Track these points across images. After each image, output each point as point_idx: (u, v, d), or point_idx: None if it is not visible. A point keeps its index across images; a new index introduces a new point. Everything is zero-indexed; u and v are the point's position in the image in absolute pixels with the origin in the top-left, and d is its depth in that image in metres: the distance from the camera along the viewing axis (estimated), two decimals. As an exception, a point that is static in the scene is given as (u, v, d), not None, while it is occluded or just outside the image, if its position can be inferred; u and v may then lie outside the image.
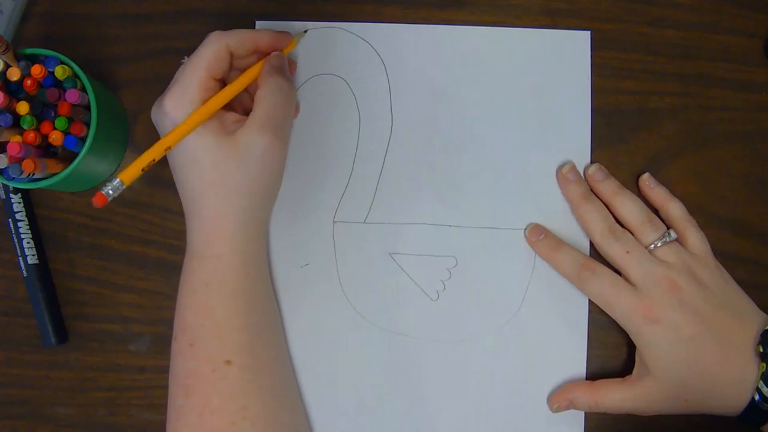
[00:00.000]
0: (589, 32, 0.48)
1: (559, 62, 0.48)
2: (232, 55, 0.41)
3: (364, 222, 0.47)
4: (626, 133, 0.48)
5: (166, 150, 0.40)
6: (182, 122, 0.39)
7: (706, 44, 0.48)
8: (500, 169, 0.47)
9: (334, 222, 0.47)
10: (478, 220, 0.47)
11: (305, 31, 0.47)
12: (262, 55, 0.43)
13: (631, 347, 0.45)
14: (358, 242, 0.47)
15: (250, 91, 0.43)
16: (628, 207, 0.45)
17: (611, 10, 0.48)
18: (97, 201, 0.38)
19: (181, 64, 0.41)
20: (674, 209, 0.45)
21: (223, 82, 0.42)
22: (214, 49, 0.40)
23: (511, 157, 0.47)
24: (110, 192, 0.38)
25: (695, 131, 0.48)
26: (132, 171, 0.39)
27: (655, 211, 0.46)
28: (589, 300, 0.46)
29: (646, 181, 0.46)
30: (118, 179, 0.38)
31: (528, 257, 0.47)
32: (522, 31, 0.48)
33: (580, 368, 0.46)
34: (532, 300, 0.46)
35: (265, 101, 0.41)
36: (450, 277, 0.47)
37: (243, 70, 0.43)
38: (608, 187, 0.45)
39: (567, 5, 0.48)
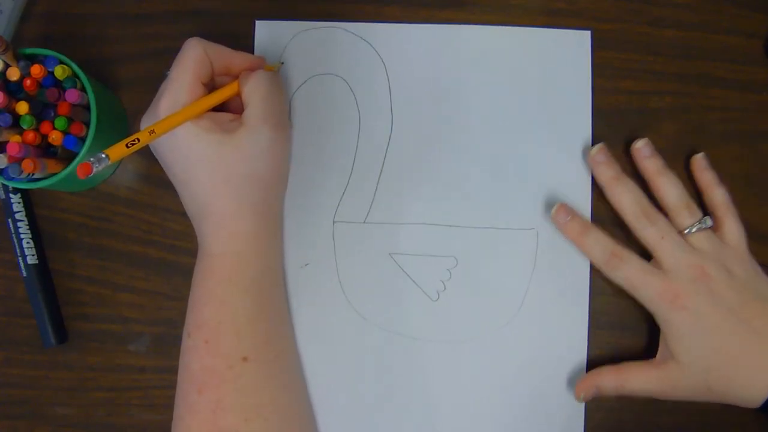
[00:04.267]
0: (589, 32, 0.48)
1: (559, 62, 0.48)
2: (211, 63, 0.41)
3: (364, 222, 0.47)
4: (626, 133, 0.48)
5: (150, 133, 0.39)
6: (172, 114, 0.39)
7: (706, 44, 0.48)
8: (500, 169, 0.47)
9: (334, 222, 0.47)
10: (478, 220, 0.47)
11: (281, 63, 0.47)
12: (234, 77, 0.43)
13: (631, 348, 0.46)
14: (358, 242, 0.47)
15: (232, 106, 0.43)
16: (668, 189, 0.44)
17: (611, 10, 0.48)
18: (81, 171, 0.36)
19: (165, 76, 0.41)
20: (719, 195, 0.45)
21: (208, 88, 0.42)
22: (194, 53, 0.40)
23: (511, 156, 0.47)
24: (95, 164, 0.37)
25: (695, 131, 0.48)
26: (117, 148, 0.38)
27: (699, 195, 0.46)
28: (589, 300, 0.46)
29: (699, 161, 0.46)
30: (104, 154, 0.37)
31: (528, 257, 0.47)
32: (522, 31, 0.48)
33: (580, 368, 0.46)
34: (532, 300, 0.46)
35: (256, 95, 0.41)
36: (450, 277, 0.47)
37: (218, 89, 0.42)
38: (652, 165, 0.45)
39: (567, 5, 0.48)
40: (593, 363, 0.46)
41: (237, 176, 0.40)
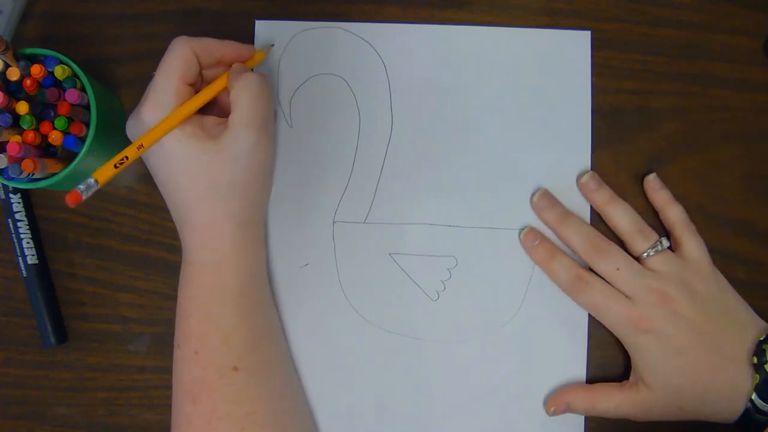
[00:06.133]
0: (589, 32, 0.48)
1: (559, 62, 0.48)
2: (199, 61, 0.41)
3: (364, 222, 0.47)
4: (626, 133, 0.48)
5: (138, 149, 0.39)
6: (157, 124, 0.39)
7: (706, 44, 0.48)
8: (500, 169, 0.47)
9: (334, 222, 0.47)
10: (478, 220, 0.47)
11: (272, 45, 0.47)
12: (226, 67, 0.43)
13: (631, 347, 0.46)
14: (358, 242, 0.47)
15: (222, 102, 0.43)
16: (620, 216, 0.45)
17: (611, 9, 0.48)
18: (71, 199, 0.37)
19: (153, 77, 0.41)
20: (674, 213, 0.45)
21: (195, 88, 0.42)
22: (181, 53, 0.40)
23: (511, 157, 0.47)
24: (83, 190, 0.38)
25: (695, 131, 0.48)
26: (106, 170, 0.39)
27: (657, 213, 0.46)
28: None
29: (651, 182, 0.46)
30: (92, 178, 0.38)
31: (528, 257, 0.46)
32: (522, 31, 0.48)
33: (580, 368, 0.46)
34: (532, 300, 0.46)
35: (242, 99, 0.41)
36: (450, 277, 0.47)
37: (209, 82, 0.42)
38: (601, 197, 0.45)
39: (567, 5, 0.48)
40: (593, 363, 0.46)
41: (219, 184, 0.40)
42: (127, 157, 0.39)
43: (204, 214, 0.40)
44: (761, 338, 0.41)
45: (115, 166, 0.39)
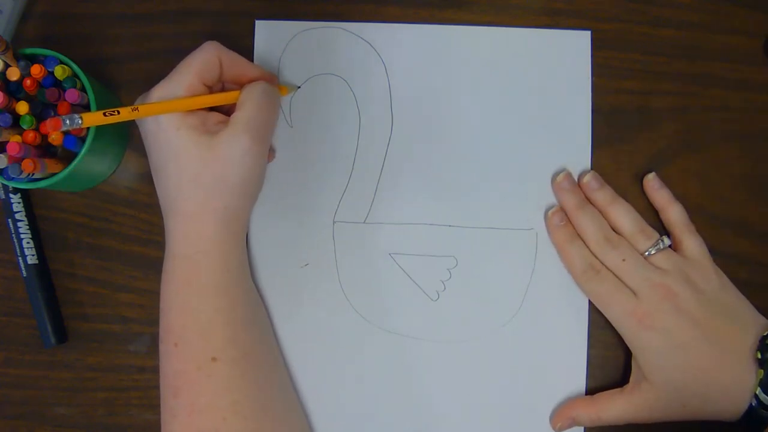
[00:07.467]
0: (589, 32, 0.48)
1: (559, 62, 0.48)
2: (222, 68, 0.42)
3: (364, 222, 0.47)
4: (626, 133, 0.48)
5: (132, 111, 0.39)
6: (163, 101, 0.40)
7: (706, 44, 0.48)
8: (500, 169, 0.47)
9: (334, 222, 0.47)
10: (478, 220, 0.47)
11: (297, 87, 0.47)
12: (241, 86, 0.43)
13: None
14: (358, 242, 0.47)
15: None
16: (622, 216, 0.45)
17: (611, 10, 0.48)
18: (51, 124, 0.38)
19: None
20: (675, 213, 0.45)
21: (211, 91, 0.42)
22: (205, 54, 0.41)
23: (512, 157, 0.47)
24: (68, 123, 0.38)
25: (695, 131, 0.48)
26: (95, 115, 0.39)
27: (656, 212, 0.46)
28: (589, 300, 0.46)
29: (651, 181, 0.46)
30: (79, 117, 0.39)
31: (528, 257, 0.47)
32: (522, 31, 0.48)
33: (580, 369, 0.46)
34: (532, 300, 0.46)
35: (248, 104, 0.41)
36: (450, 277, 0.47)
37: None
38: (602, 197, 0.46)
39: (567, 5, 0.48)
40: (593, 363, 0.46)
41: (206, 178, 0.40)
42: (119, 112, 0.40)
43: (187, 206, 0.41)
44: (765, 333, 0.41)
45: (105, 115, 0.39)
